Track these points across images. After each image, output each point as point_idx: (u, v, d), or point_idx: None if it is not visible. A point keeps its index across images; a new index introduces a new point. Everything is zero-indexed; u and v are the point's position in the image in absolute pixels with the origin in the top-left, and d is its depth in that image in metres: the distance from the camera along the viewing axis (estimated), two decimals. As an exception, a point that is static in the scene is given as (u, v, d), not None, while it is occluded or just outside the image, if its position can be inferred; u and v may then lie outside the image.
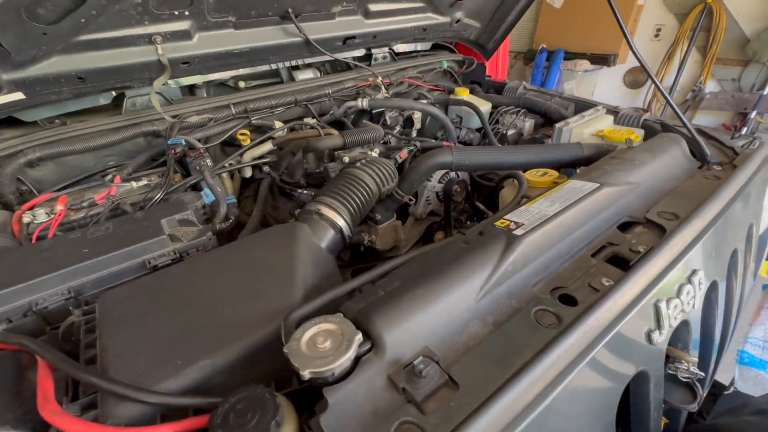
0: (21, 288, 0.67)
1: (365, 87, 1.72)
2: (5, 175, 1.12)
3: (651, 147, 0.97)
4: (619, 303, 0.57)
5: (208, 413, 0.46)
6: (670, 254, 0.65)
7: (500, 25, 1.91)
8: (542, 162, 1.13)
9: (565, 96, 1.71)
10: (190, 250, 0.83)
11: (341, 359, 0.46)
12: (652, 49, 4.34)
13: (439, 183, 1.34)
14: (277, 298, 0.63)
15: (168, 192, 1.12)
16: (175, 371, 0.52)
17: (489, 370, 0.50)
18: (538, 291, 0.63)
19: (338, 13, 1.49)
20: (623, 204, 0.82)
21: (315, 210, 0.88)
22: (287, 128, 1.48)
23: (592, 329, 0.53)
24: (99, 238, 0.80)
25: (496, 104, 1.78)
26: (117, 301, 0.64)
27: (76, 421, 0.44)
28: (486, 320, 0.58)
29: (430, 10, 1.73)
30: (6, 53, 0.96)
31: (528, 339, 0.54)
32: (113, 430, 0.44)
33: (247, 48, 1.35)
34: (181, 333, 0.57)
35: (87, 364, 0.57)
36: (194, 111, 1.36)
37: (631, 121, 1.37)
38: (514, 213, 0.74)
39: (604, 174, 0.86)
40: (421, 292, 0.57)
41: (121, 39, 1.10)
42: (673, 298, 0.62)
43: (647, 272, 0.62)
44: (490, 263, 0.62)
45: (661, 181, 0.91)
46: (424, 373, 0.48)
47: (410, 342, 0.53)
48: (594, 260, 0.70)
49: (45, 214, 1.01)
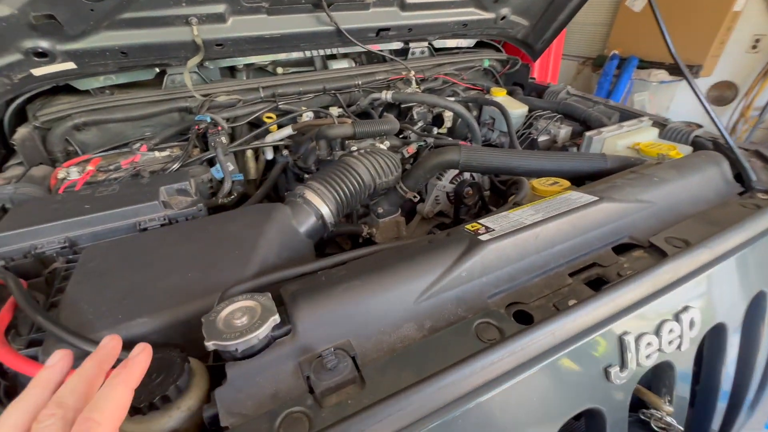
0: (24, 232, 0.75)
1: (396, 80, 1.70)
2: (55, 135, 1.26)
3: (679, 164, 0.85)
4: (574, 326, 0.51)
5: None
6: (655, 283, 0.56)
7: (550, 24, 1.78)
8: (557, 170, 1.03)
9: (611, 104, 1.56)
10: (180, 218, 0.87)
11: (246, 337, 0.46)
12: (746, 62, 3.81)
13: (451, 183, 1.29)
14: (229, 271, 0.64)
15: (185, 164, 1.19)
16: (113, 324, 0.55)
17: (402, 375, 0.47)
18: (492, 303, 0.58)
19: (373, 4, 1.48)
20: (626, 223, 0.73)
21: (300, 194, 0.89)
22: (312, 115, 1.51)
23: (530, 350, 0.48)
24: (103, 197, 0.87)
25: (533, 108, 1.67)
26: (94, 255, 0.70)
27: (4, 349, 0.49)
28: (423, 324, 0.54)
29: (473, 5, 1.66)
30: (60, 26, 1.08)
31: (458, 350, 0.49)
32: (23, 360, 0.48)
33: (278, 34, 1.39)
34: (132, 291, 0.60)
35: (51, 307, 0.62)
36: (224, 92, 1.43)
37: (679, 136, 1.21)
38: (490, 218, 0.69)
39: (610, 188, 0.77)
40: (358, 284, 0.55)
41: (159, 18, 1.19)
42: (647, 334, 0.53)
43: (619, 298, 0.54)
44: (441, 266, 0.58)
45: (685, 203, 0.79)
46: (330, 366, 0.46)
47: (332, 333, 0.51)
48: (571, 280, 0.63)
49: (77, 173, 1.12)
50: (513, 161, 1.06)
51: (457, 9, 1.64)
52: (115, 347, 0.39)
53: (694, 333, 0.58)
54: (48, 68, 1.17)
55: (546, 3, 1.70)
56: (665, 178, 0.80)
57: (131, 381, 0.36)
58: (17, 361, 0.49)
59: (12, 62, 1.10)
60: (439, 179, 1.28)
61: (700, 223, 0.73)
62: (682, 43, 3.72)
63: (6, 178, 1.11)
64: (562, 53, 4.78)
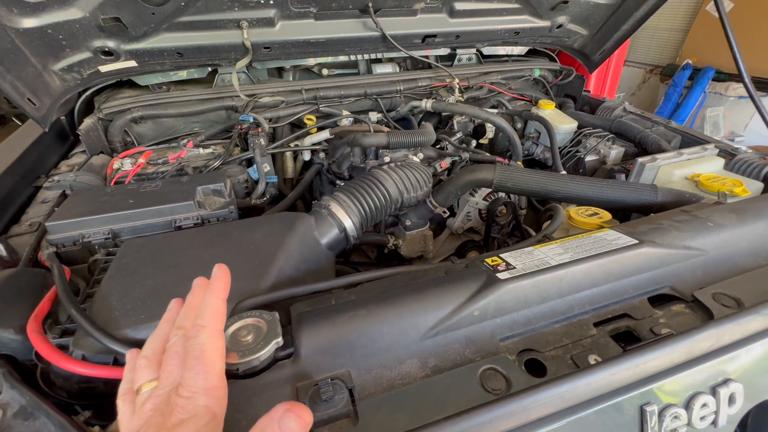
0: (74, 222, 0.82)
1: (438, 87, 1.66)
2: (116, 126, 1.37)
3: (743, 208, 0.76)
4: (590, 389, 0.47)
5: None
6: (692, 349, 0.50)
7: (611, 35, 1.65)
8: (599, 199, 0.96)
9: (673, 126, 1.42)
10: (212, 219, 0.91)
11: (248, 357, 0.47)
12: None
13: (485, 200, 1.25)
14: (245, 281, 0.66)
15: (225, 162, 1.25)
16: (136, 323, 0.59)
17: (397, 417, 0.46)
18: (504, 347, 0.55)
19: (420, 10, 1.46)
20: (669, 272, 0.66)
21: (325, 205, 0.89)
22: (353, 119, 1.52)
23: (537, 410, 0.45)
24: (147, 193, 0.93)
25: (583, 124, 1.57)
26: (130, 250, 0.75)
27: (39, 337, 0.54)
28: (426, 362, 0.53)
29: (527, 12, 1.59)
30: (124, 28, 1.16)
31: (458, 398, 0.47)
32: (54, 350, 0.53)
33: (324, 38, 1.41)
34: (156, 291, 0.64)
35: (87, 298, 0.67)
36: (268, 93, 1.48)
37: (749, 169, 1.08)
38: (514, 252, 0.66)
39: (655, 230, 0.70)
40: (364, 313, 0.54)
41: (213, 22, 1.25)
42: (674, 407, 0.48)
43: (648, 363, 0.49)
44: (453, 302, 0.56)
45: (743, 255, 0.71)
46: (326, 397, 0.46)
47: (333, 361, 0.51)
48: (595, 330, 0.58)
49: (130, 164, 1.21)
50: (551, 185, 1.00)
51: (509, 16, 1.58)
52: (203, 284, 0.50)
53: (734, 409, 0.51)
54: (113, 65, 1.27)
55: (608, 12, 1.58)
56: (722, 223, 0.71)
57: (220, 292, 0.47)
58: (49, 351, 0.53)
59: (82, 59, 1.20)
60: (472, 195, 1.24)
61: (757, 281, 0.64)
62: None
63: (70, 165, 1.23)
64: (627, 59, 4.46)
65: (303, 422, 0.37)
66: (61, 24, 1.06)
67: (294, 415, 0.37)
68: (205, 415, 0.37)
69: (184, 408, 0.37)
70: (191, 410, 0.37)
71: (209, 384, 0.39)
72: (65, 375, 0.57)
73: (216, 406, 0.39)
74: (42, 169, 1.19)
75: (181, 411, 0.37)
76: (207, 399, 0.38)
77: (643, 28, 1.65)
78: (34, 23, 1.03)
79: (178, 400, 0.37)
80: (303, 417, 0.37)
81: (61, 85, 1.22)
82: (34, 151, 1.19)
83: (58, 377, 0.58)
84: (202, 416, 0.37)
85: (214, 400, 0.39)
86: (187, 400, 0.37)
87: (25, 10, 1.00)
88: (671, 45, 4.22)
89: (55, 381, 0.59)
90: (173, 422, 0.36)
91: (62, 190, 1.07)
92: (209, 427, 0.37)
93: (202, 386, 0.39)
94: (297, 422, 0.36)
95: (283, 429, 0.36)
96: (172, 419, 0.36)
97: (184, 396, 0.38)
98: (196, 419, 0.36)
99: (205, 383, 0.39)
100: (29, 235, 0.91)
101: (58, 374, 0.58)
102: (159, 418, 0.37)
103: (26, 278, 0.70)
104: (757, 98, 0.94)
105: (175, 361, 0.41)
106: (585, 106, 1.79)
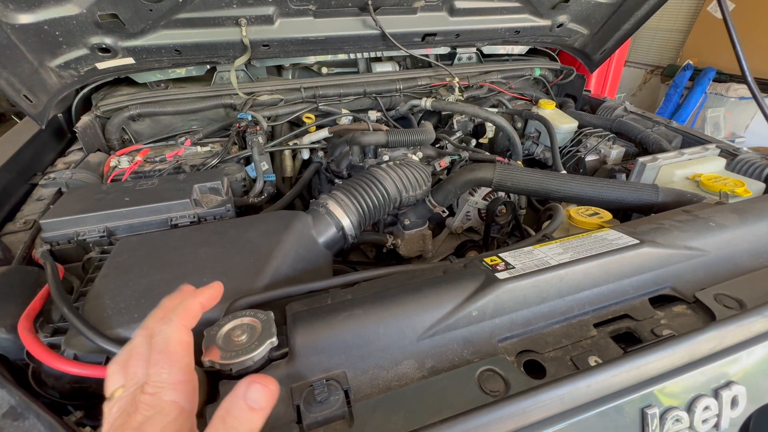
0: (69, 219, 0.81)
1: (438, 87, 1.65)
2: (113, 124, 1.36)
3: (744, 208, 0.75)
4: (590, 392, 0.46)
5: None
6: (694, 350, 0.50)
7: (612, 34, 1.65)
8: (600, 199, 0.95)
9: (674, 126, 1.41)
10: (208, 217, 0.90)
11: (241, 358, 0.46)
12: None
13: (484, 200, 1.24)
14: (241, 280, 0.65)
15: (223, 160, 1.24)
16: (129, 322, 0.58)
17: (393, 419, 0.45)
18: (502, 348, 0.55)
19: (420, 8, 1.45)
20: (670, 272, 0.65)
21: (323, 203, 0.89)
22: (350, 118, 1.51)
23: (536, 412, 0.44)
24: (143, 191, 0.92)
25: (584, 124, 1.56)
26: (125, 249, 0.74)
27: (30, 336, 0.53)
28: (423, 363, 0.52)
29: (527, 11, 1.58)
30: (122, 25, 1.15)
31: (456, 399, 0.46)
32: (45, 349, 0.52)
33: (323, 36, 1.40)
34: (150, 290, 0.63)
35: (80, 296, 0.66)
36: (267, 91, 1.47)
37: (751, 169, 1.07)
38: (513, 252, 0.65)
39: (655, 230, 0.69)
40: (360, 313, 0.53)
41: (211, 19, 1.24)
42: (676, 409, 0.47)
43: (649, 365, 0.48)
44: (451, 302, 0.55)
45: (746, 256, 0.70)
46: (320, 399, 0.45)
47: (328, 362, 0.50)
48: (595, 331, 0.58)
49: (127, 162, 1.20)
50: (551, 185, 0.99)
51: (510, 15, 1.57)
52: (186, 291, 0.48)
53: (737, 412, 0.51)
54: (110, 62, 1.26)
55: (609, 11, 1.57)
56: (723, 224, 0.70)
57: (201, 298, 0.46)
58: (40, 350, 0.52)
59: (79, 56, 1.19)
60: (472, 195, 1.23)
61: (760, 282, 0.63)
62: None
63: (66, 162, 1.22)
64: (628, 60, 4.45)
65: (269, 390, 0.36)
66: (57, 20, 1.05)
67: (259, 385, 0.36)
68: (172, 410, 0.36)
69: (149, 404, 0.35)
70: (156, 406, 0.35)
71: (174, 378, 0.37)
72: (57, 375, 0.56)
73: (184, 401, 0.37)
74: (38, 166, 1.18)
75: (145, 408, 0.35)
76: (173, 394, 0.36)
77: (643, 29, 1.64)
78: (31, 19, 1.02)
79: (143, 397, 0.36)
80: (268, 386, 0.36)
81: (58, 82, 1.21)
82: (30, 148, 1.18)
83: (49, 377, 0.57)
84: (168, 412, 0.35)
85: (182, 395, 0.37)
86: (152, 397, 0.36)
87: (21, 6, 0.99)
88: (672, 45, 4.21)
89: (46, 381, 0.58)
90: (138, 420, 0.34)
91: (58, 188, 1.06)
92: (177, 422, 0.35)
93: (167, 380, 0.37)
94: (263, 392, 0.36)
95: (250, 402, 0.35)
96: (137, 417, 0.34)
97: (149, 393, 0.36)
98: (162, 415, 0.35)
99: (170, 377, 0.37)
100: (24, 232, 0.90)
101: (50, 374, 0.57)
102: (124, 418, 0.35)
103: (19, 276, 0.69)
104: (760, 97, 0.93)
105: (138, 362, 0.39)
106: (585, 105, 1.78)
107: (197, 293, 0.46)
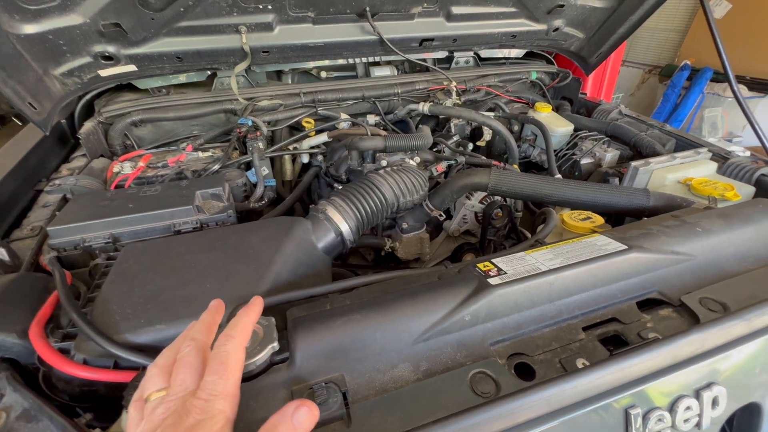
0: (76, 226, 0.84)
1: (436, 90, 1.68)
2: (116, 129, 1.38)
3: (730, 213, 0.77)
4: (576, 392, 0.48)
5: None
6: (677, 353, 0.52)
7: (608, 38, 1.67)
8: (593, 203, 0.98)
9: (667, 129, 1.44)
10: (211, 223, 0.93)
11: (244, 362, 0.48)
12: None
13: (480, 203, 1.26)
14: (243, 286, 0.67)
15: (224, 166, 1.26)
16: (135, 327, 0.60)
17: (389, 420, 0.47)
18: (494, 351, 0.57)
19: (418, 14, 1.47)
20: (657, 277, 0.67)
21: (322, 209, 0.91)
22: (351, 122, 1.53)
23: (525, 412, 0.46)
24: (146, 197, 0.95)
25: (579, 127, 1.59)
26: (131, 255, 0.76)
27: (41, 341, 0.55)
28: (418, 366, 0.54)
29: (523, 15, 1.60)
30: (124, 33, 1.18)
31: (449, 401, 0.49)
32: (56, 354, 0.54)
33: (322, 42, 1.42)
34: (155, 296, 0.65)
35: (88, 302, 0.69)
36: (267, 96, 1.49)
37: (741, 173, 1.10)
38: (505, 258, 0.67)
39: (644, 235, 0.71)
40: (358, 318, 0.55)
41: (212, 27, 1.26)
42: (658, 409, 0.50)
43: (634, 367, 0.50)
44: (445, 307, 0.57)
45: (732, 261, 0.72)
46: (320, 401, 0.48)
47: (327, 365, 0.52)
48: (584, 335, 0.60)
49: (130, 168, 1.23)
50: (545, 189, 1.01)
51: (506, 20, 1.59)
52: (220, 306, 0.52)
53: (717, 412, 0.53)
54: (112, 70, 1.28)
55: (604, 15, 1.59)
56: (710, 229, 0.73)
57: (253, 315, 0.51)
58: (51, 354, 0.55)
59: (83, 64, 1.21)
60: (468, 198, 1.26)
61: (746, 285, 0.66)
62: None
63: (70, 168, 1.24)
64: (626, 59, 4.46)
65: (313, 416, 0.40)
66: (61, 30, 1.08)
67: (306, 408, 0.40)
68: (221, 418, 0.39)
69: (202, 409, 0.38)
70: (208, 412, 0.38)
71: (227, 390, 0.41)
72: (67, 378, 0.58)
73: (230, 412, 0.40)
74: (43, 172, 1.21)
75: (198, 412, 0.38)
76: (223, 404, 0.40)
77: (641, 29, 1.66)
78: (36, 29, 1.04)
79: (196, 402, 0.39)
80: (313, 411, 0.40)
81: (62, 90, 1.23)
82: (35, 154, 1.20)
83: (59, 380, 0.59)
84: (218, 419, 0.38)
85: (230, 407, 0.40)
86: (205, 402, 0.39)
87: (26, 17, 1.01)
88: (670, 45, 4.23)
89: (56, 384, 0.60)
90: (190, 422, 0.37)
91: (63, 194, 1.08)
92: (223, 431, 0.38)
93: (221, 391, 0.40)
94: (308, 416, 0.40)
95: (296, 423, 0.39)
96: (190, 419, 0.37)
97: (202, 398, 0.39)
98: (213, 421, 0.38)
99: (224, 388, 0.41)
100: (31, 239, 0.92)
101: (60, 377, 0.59)
102: (175, 419, 0.38)
103: (28, 283, 0.71)
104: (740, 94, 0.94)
105: (188, 369, 0.43)
106: (582, 108, 1.80)
107: (249, 312, 0.50)
